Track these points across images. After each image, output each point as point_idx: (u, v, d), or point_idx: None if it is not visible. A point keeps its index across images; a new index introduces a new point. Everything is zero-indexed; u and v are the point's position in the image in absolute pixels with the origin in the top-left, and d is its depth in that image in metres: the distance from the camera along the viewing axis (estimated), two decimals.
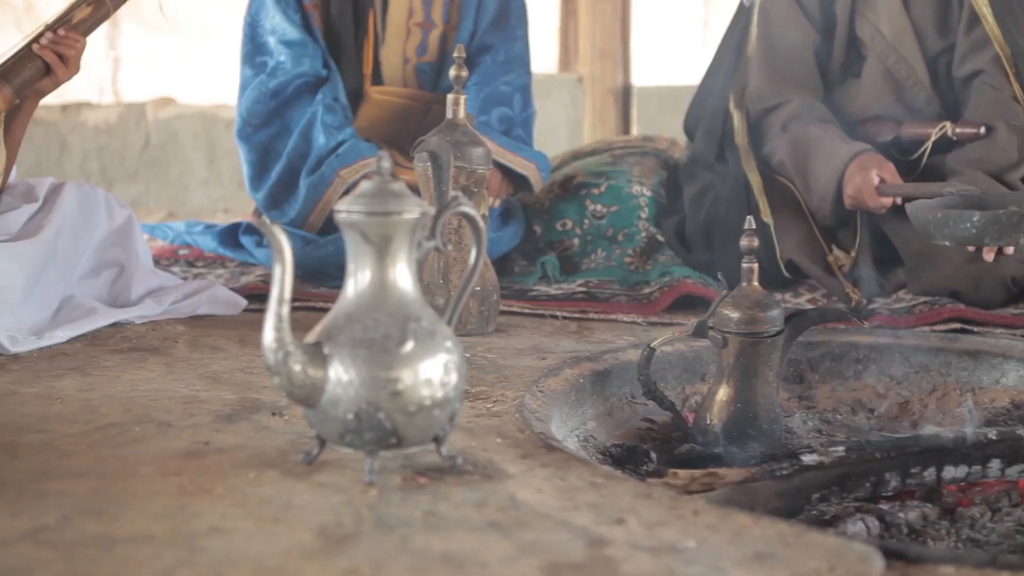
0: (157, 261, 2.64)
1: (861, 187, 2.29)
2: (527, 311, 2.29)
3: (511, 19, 2.78)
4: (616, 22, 4.25)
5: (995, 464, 1.53)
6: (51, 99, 2.35)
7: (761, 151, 2.50)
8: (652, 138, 3.11)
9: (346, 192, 2.46)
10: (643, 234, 2.56)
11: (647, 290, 2.36)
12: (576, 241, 2.61)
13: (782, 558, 1.08)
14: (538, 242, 2.63)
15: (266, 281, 2.44)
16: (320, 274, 2.44)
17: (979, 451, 1.52)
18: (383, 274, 1.23)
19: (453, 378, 1.24)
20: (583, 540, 1.10)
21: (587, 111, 4.29)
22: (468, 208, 1.31)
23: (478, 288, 2.05)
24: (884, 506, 1.48)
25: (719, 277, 1.77)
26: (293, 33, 2.64)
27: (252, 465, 1.31)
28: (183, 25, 4.83)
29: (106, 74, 4.86)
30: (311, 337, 1.24)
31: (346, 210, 1.22)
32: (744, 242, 1.75)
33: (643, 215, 2.59)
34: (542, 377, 1.77)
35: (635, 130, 4.28)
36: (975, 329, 2.18)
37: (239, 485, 1.24)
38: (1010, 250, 2.21)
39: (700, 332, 1.77)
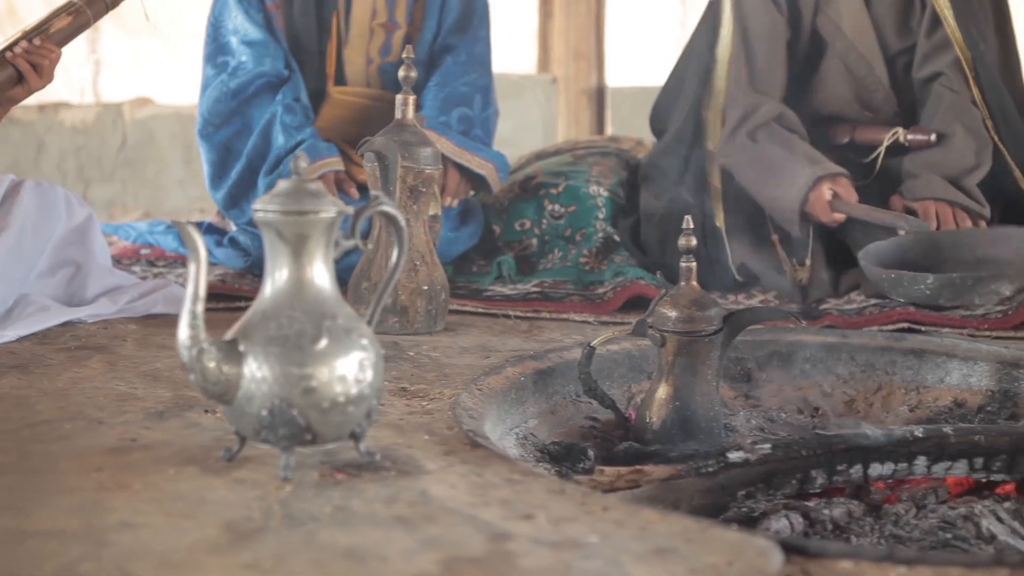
0: (118, 261, 2.66)
1: (814, 202, 2.29)
2: (480, 311, 2.31)
3: (474, 20, 2.80)
4: (590, 23, 4.26)
5: (921, 461, 1.55)
6: (29, 99, 2.35)
7: (723, 156, 2.50)
8: (618, 138, 3.12)
9: None
10: (600, 234, 2.57)
11: (600, 290, 2.38)
12: (535, 241, 2.63)
13: (682, 553, 1.10)
14: (497, 242, 2.64)
15: (224, 281, 2.46)
16: None
17: (905, 449, 1.54)
18: (299, 273, 1.25)
19: (368, 375, 1.25)
20: (486, 535, 1.12)
21: (561, 112, 4.30)
22: (389, 208, 1.33)
23: (425, 287, 2.07)
24: (810, 503, 1.50)
25: (657, 275, 1.78)
26: (255, 33, 2.65)
27: (174, 461, 1.32)
28: (164, 27, 4.83)
29: (87, 76, 4.86)
30: (229, 334, 1.25)
31: (262, 209, 1.24)
32: (682, 241, 1.77)
33: (600, 215, 2.61)
34: (482, 375, 1.78)
35: (609, 130, 4.30)
36: (922, 329, 2.20)
37: (157, 481, 1.25)
38: None
39: (639, 331, 1.79)
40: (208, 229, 2.69)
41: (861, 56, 2.52)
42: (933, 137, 2.40)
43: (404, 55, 2.11)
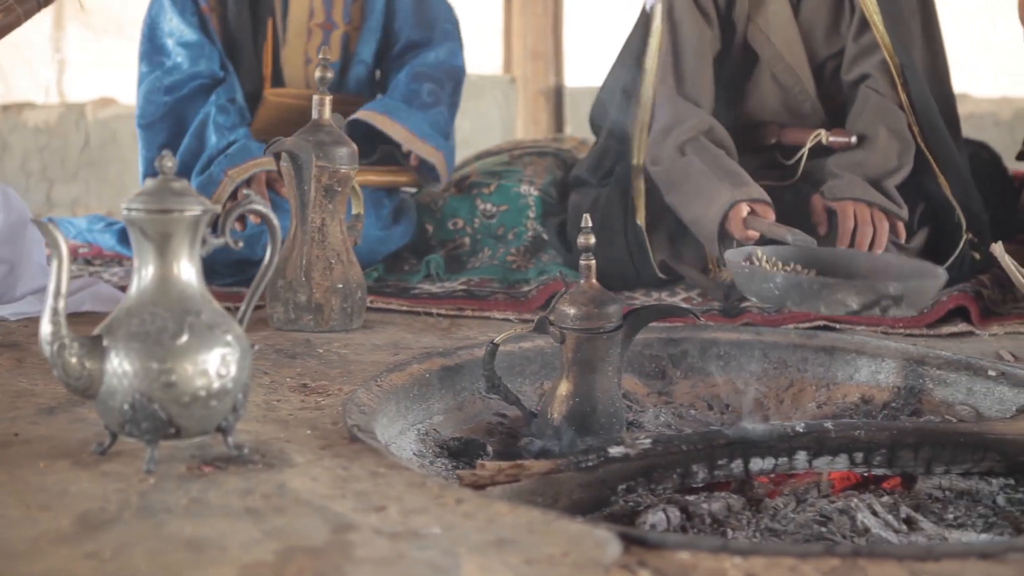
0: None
1: (732, 219, 2.30)
2: (404, 308, 2.33)
3: (431, 12, 2.83)
4: (548, 23, 4.29)
5: (802, 456, 1.57)
6: None
7: (651, 163, 2.51)
8: (561, 138, 3.15)
9: (235, 192, 2.50)
10: (530, 233, 2.60)
11: (525, 288, 2.40)
12: (467, 240, 2.65)
13: (522, 544, 1.12)
14: (430, 240, 2.67)
15: None
16: (210, 271, 2.46)
17: (785, 444, 1.56)
18: (164, 270, 1.27)
19: (232, 370, 1.27)
20: (332, 526, 1.14)
21: (520, 112, 4.32)
22: (260, 206, 1.35)
23: (340, 285, 2.09)
24: (690, 497, 1.52)
25: (559, 273, 1.80)
26: (190, 35, 2.67)
27: (49, 455, 1.34)
28: (128, 28, 4.86)
29: (51, 76, 4.89)
30: (96, 330, 1.28)
31: (127, 207, 1.26)
32: (581, 240, 1.79)
33: (531, 215, 2.64)
34: (384, 372, 1.80)
35: (568, 130, 4.32)
36: (837, 326, 2.22)
37: (25, 475, 1.28)
38: None
39: (541, 328, 1.81)
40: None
41: (789, 67, 2.55)
42: (853, 139, 2.43)
43: (320, 55, 2.14)
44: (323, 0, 2.83)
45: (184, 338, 1.24)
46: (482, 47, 4.55)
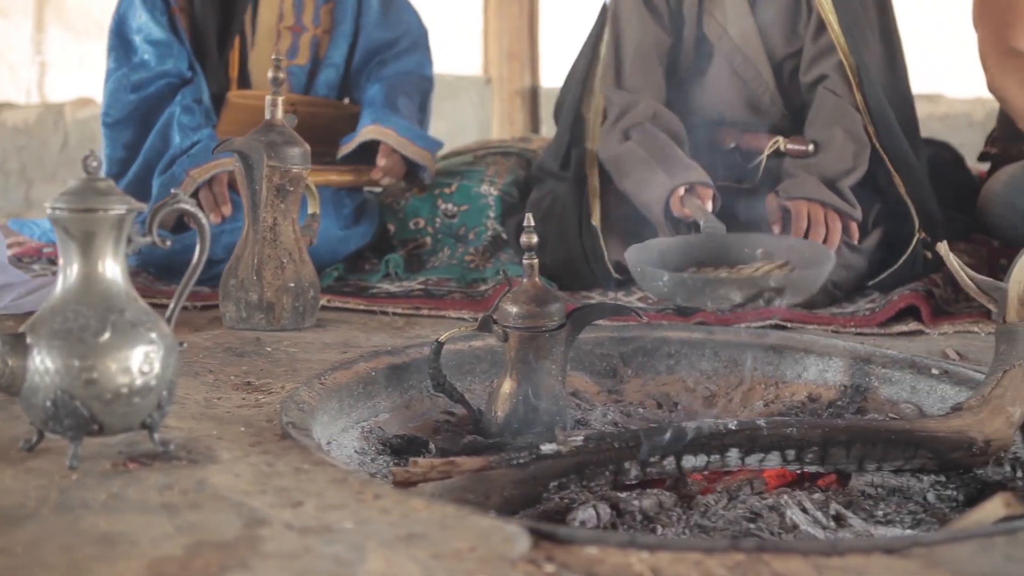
0: (20, 260, 2.69)
1: (673, 201, 2.32)
2: (361, 308, 2.34)
3: (399, 17, 2.85)
4: (523, 24, 4.30)
5: (734, 453, 1.58)
6: None
7: (602, 152, 2.54)
8: (529, 139, 3.17)
9: (196, 191, 2.51)
10: (489, 232, 2.62)
11: (483, 287, 2.42)
12: (428, 240, 2.67)
13: (431, 538, 1.14)
14: (392, 240, 2.68)
15: None
16: (171, 271, 2.50)
17: (717, 441, 1.57)
18: (88, 268, 1.29)
19: (155, 368, 1.29)
20: (245, 521, 1.16)
21: (496, 112, 4.34)
22: (187, 205, 1.36)
23: (292, 284, 2.11)
24: (621, 494, 1.53)
25: (502, 272, 1.82)
26: (158, 33, 2.69)
27: None
28: (107, 29, 4.88)
29: (32, 77, 4.91)
30: (22, 328, 1.29)
31: (51, 207, 1.28)
32: (523, 239, 1.81)
33: (491, 214, 2.65)
34: (329, 370, 1.82)
35: (544, 131, 4.34)
36: (789, 325, 2.24)
37: None
38: None
39: (485, 326, 1.83)
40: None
41: (748, 60, 2.57)
42: (811, 147, 2.45)
43: (273, 56, 2.15)
44: (293, 3, 2.84)
45: (106, 336, 1.26)
46: (460, 48, 4.57)
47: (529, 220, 1.80)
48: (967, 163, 3.02)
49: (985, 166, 2.88)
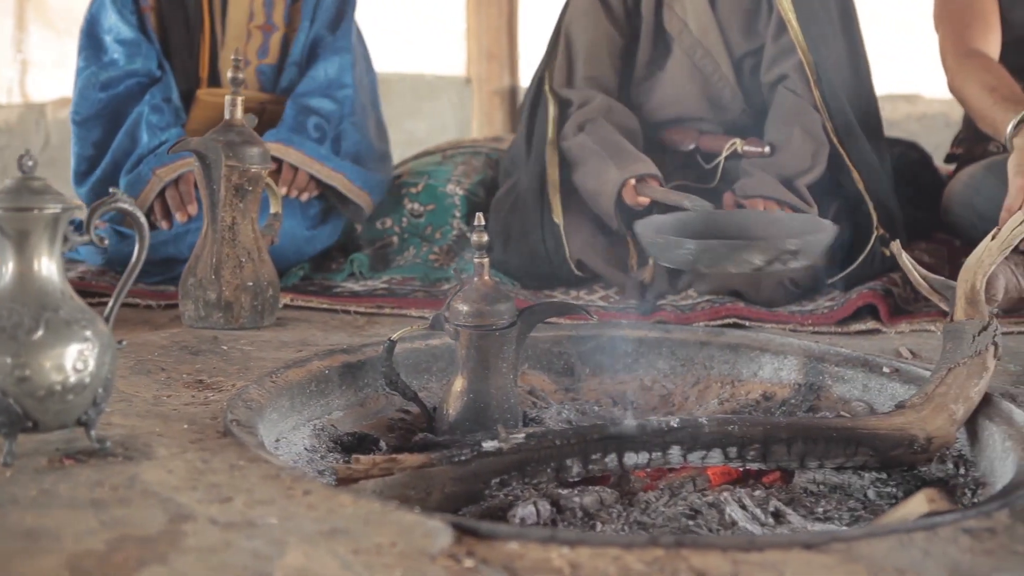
0: None
1: (624, 193, 2.34)
2: (324, 307, 2.36)
3: (343, 23, 2.85)
4: (502, 24, 4.31)
5: (676, 451, 1.59)
6: None
7: (562, 140, 2.55)
8: (501, 138, 3.18)
9: (162, 191, 2.52)
10: (455, 232, 2.63)
11: (445, 286, 2.43)
12: (395, 239, 2.68)
13: (354, 534, 1.15)
14: (358, 240, 2.69)
15: (83, 278, 2.51)
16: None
17: (659, 438, 1.58)
18: (23, 267, 1.30)
19: (90, 366, 1.30)
20: (170, 516, 1.17)
21: (475, 112, 4.35)
22: (125, 204, 1.38)
23: (251, 283, 2.12)
24: (563, 491, 1.54)
25: (454, 271, 1.83)
26: (128, 32, 2.70)
27: None
28: None
29: (14, 76, 4.92)
30: None
31: None
32: (474, 238, 1.82)
33: (457, 214, 2.66)
34: (281, 368, 1.83)
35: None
36: (747, 324, 2.25)
37: None
38: None
39: (436, 325, 1.84)
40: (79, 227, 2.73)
41: (708, 53, 2.58)
42: (767, 149, 2.47)
43: (233, 56, 2.17)
44: (263, 2, 2.85)
45: (39, 333, 1.27)
46: (441, 48, 4.58)
47: (480, 219, 1.81)
48: (935, 163, 3.03)
49: (953, 167, 2.89)
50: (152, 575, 1.04)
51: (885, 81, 4.76)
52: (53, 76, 4.92)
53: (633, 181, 2.31)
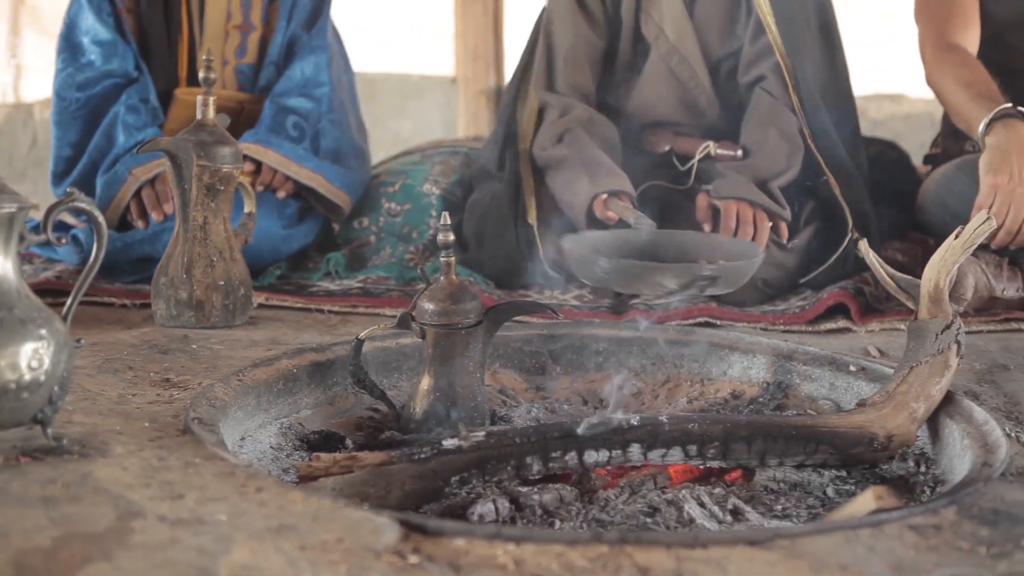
0: None
1: (595, 207, 2.34)
2: (299, 306, 2.36)
3: (318, 22, 2.86)
4: (488, 24, 4.32)
5: (636, 448, 1.60)
6: None
7: (537, 149, 2.56)
8: (481, 138, 3.18)
9: (138, 191, 2.53)
10: (431, 232, 2.64)
11: (420, 286, 2.43)
12: (372, 238, 2.69)
13: (301, 530, 1.16)
14: (336, 239, 2.70)
15: (60, 277, 2.52)
16: (114, 269, 2.52)
17: (619, 436, 1.59)
18: None
19: (45, 364, 1.31)
20: (120, 513, 1.18)
21: (460, 111, 4.36)
22: (83, 204, 1.38)
23: (222, 282, 2.13)
24: (522, 488, 1.55)
25: (420, 270, 1.84)
26: (104, 33, 2.71)
27: None
28: None
29: (8, 80, 4.93)
30: None
31: None
32: (440, 237, 1.83)
33: (433, 213, 2.67)
34: (249, 366, 1.84)
35: None
36: (718, 323, 2.26)
37: None
38: None
39: (403, 324, 1.85)
40: (57, 225, 2.75)
41: (684, 60, 2.59)
42: (739, 152, 2.48)
43: (204, 56, 2.18)
44: (241, 3, 2.86)
45: None
46: (429, 48, 4.59)
47: (445, 219, 1.82)
48: (913, 162, 3.04)
49: (930, 167, 2.90)
50: (96, 572, 1.05)
51: (871, 81, 4.78)
52: (45, 79, 4.94)
53: (604, 196, 2.31)
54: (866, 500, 1.28)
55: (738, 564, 1.13)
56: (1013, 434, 1.58)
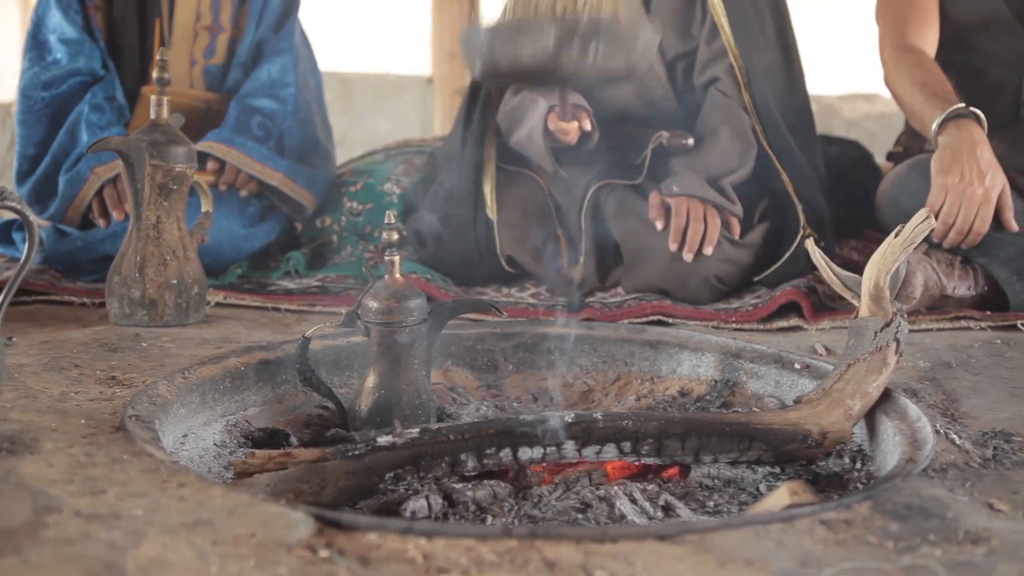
0: None
1: (549, 123, 2.35)
2: (256, 304, 2.38)
3: (286, 24, 2.87)
4: (464, 23, 4.33)
5: (570, 445, 1.61)
6: None
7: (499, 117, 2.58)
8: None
9: (101, 189, 2.55)
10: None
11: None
12: (334, 237, 2.70)
13: (215, 525, 1.17)
14: (299, 238, 2.72)
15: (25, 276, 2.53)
16: (76, 268, 2.53)
17: (553, 433, 1.61)
18: None
19: None
20: (38, 508, 1.19)
21: (437, 111, 4.37)
22: (14, 204, 1.40)
23: (175, 281, 2.14)
24: (456, 485, 1.57)
25: (364, 268, 1.86)
26: (71, 32, 2.73)
27: None
28: None
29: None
30: None
31: None
32: (384, 236, 1.84)
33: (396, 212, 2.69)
34: (195, 364, 1.85)
35: None
36: (671, 321, 2.27)
37: None
38: (709, 250, 2.31)
39: (348, 322, 1.86)
40: (19, 227, 2.76)
41: None
42: (690, 141, 2.50)
43: (158, 56, 2.19)
44: (211, 3, 2.87)
45: None
46: (404, 48, 4.60)
47: (389, 217, 1.84)
48: (875, 161, 3.05)
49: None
50: (3, 566, 1.06)
51: (845, 81, 4.78)
52: None
53: (554, 110, 2.31)
54: (780, 496, 1.29)
55: (645, 559, 1.14)
56: (943, 431, 1.59)
